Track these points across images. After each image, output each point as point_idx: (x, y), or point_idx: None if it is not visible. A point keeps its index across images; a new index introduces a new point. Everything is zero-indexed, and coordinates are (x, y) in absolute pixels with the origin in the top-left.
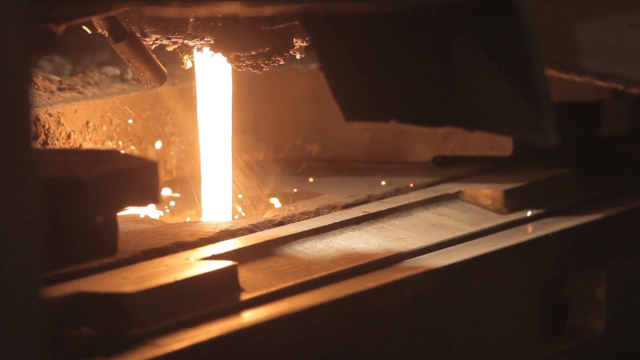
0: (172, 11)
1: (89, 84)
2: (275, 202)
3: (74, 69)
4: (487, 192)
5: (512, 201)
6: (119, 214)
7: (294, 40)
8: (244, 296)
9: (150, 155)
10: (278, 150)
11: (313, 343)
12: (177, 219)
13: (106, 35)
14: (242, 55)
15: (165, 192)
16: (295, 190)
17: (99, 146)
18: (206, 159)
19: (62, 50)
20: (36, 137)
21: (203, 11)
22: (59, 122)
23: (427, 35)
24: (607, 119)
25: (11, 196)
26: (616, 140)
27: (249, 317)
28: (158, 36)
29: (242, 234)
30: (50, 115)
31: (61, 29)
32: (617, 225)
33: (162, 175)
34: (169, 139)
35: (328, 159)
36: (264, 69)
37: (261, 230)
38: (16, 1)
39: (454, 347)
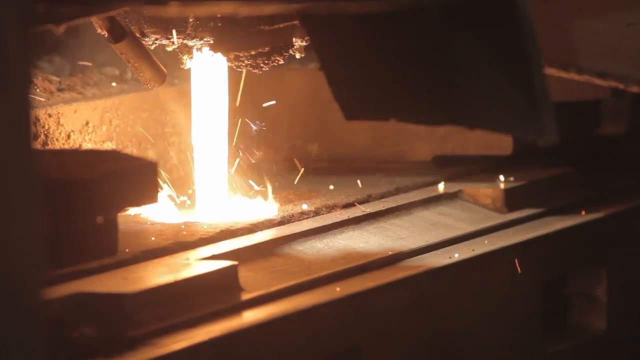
0: (171, 11)
1: (88, 84)
2: (275, 202)
3: (73, 70)
4: (487, 191)
5: (512, 200)
6: (119, 214)
7: (294, 40)
8: (244, 296)
9: (150, 155)
10: (278, 150)
11: (313, 343)
12: (177, 219)
13: (106, 35)
14: (241, 55)
15: (165, 192)
16: (294, 190)
17: (99, 146)
18: (202, 159)
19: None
20: (36, 137)
21: (202, 11)
22: (58, 123)
23: (427, 35)
24: (607, 118)
25: (11, 196)
26: (616, 140)
27: (249, 317)
28: (158, 36)
29: (242, 234)
30: (49, 115)
31: (61, 29)
32: (617, 225)
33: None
34: (169, 140)
35: (328, 159)
36: (263, 69)
37: (261, 230)
38: (16, 1)
39: (454, 347)
